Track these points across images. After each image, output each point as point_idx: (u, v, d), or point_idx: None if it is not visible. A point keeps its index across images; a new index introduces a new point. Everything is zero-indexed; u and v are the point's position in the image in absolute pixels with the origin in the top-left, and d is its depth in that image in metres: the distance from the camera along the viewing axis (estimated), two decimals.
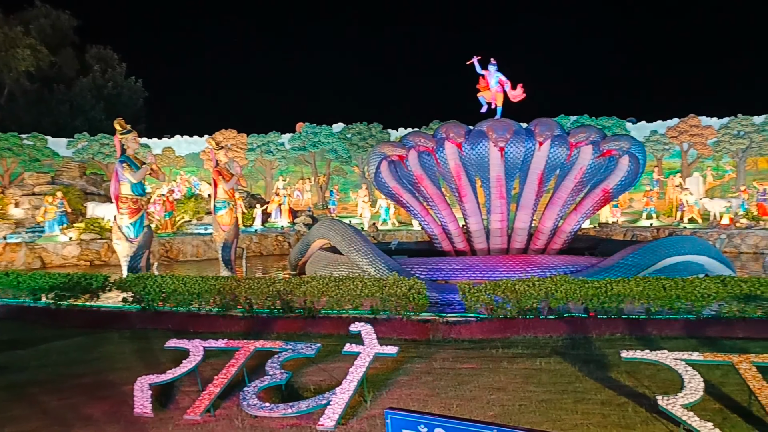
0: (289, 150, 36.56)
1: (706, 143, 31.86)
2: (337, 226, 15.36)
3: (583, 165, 15.01)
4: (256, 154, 36.50)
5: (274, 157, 36.52)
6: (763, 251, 21.26)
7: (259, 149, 36.41)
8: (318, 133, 35.92)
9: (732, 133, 31.26)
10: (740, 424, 5.65)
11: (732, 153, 31.75)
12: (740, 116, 31.47)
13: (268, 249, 25.60)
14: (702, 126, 32.03)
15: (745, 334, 8.81)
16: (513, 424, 5.35)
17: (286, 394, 6.57)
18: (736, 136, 31.17)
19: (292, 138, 36.58)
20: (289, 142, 36.66)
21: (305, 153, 36.44)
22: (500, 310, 9.82)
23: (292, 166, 38.12)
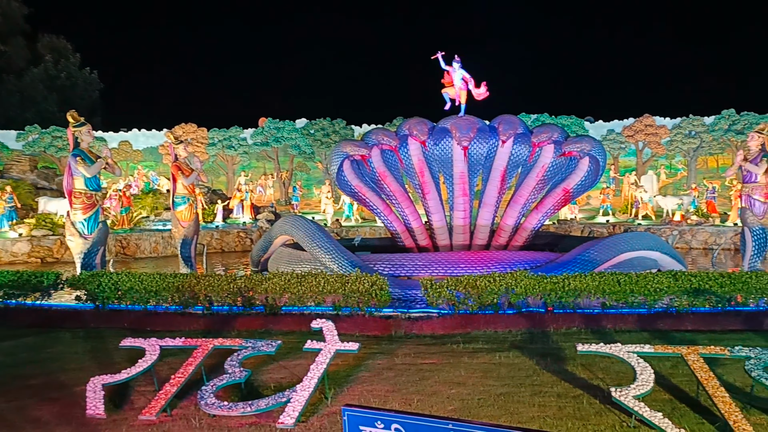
0: (251, 145, 36.11)
1: (660, 142, 32.93)
2: (300, 222, 15.23)
3: (545, 163, 15.25)
4: (217, 149, 35.90)
5: (235, 152, 35.99)
6: (712, 247, 22.12)
7: (221, 144, 35.83)
8: (281, 128, 35.57)
9: (684, 132, 32.40)
10: (689, 413, 5.87)
11: (684, 152, 32.90)
12: (692, 117, 32.64)
13: (230, 245, 25.22)
14: (656, 126, 33.09)
15: (694, 326, 9.16)
16: (469, 419, 5.43)
17: (246, 392, 6.49)
18: (687, 135, 32.31)
19: (254, 133, 36.13)
20: (251, 137, 36.20)
21: (268, 148, 36.04)
22: (462, 305, 9.92)
23: (255, 161, 37.66)
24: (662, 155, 33.58)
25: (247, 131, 36.52)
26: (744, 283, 9.74)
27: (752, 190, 13.29)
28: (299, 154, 36.07)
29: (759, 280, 9.76)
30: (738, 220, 19.34)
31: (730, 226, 23.53)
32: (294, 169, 37.23)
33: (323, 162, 36.12)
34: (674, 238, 23.27)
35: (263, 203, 33.29)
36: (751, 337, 8.51)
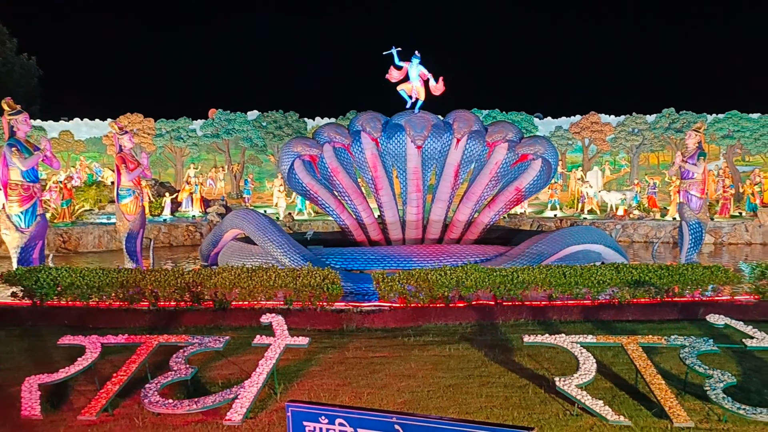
0: (201, 137, 35.22)
1: (605, 139, 34.04)
2: (251, 215, 14.99)
3: (498, 161, 15.43)
4: (165, 141, 34.87)
5: (184, 143, 35.04)
6: (652, 240, 23.06)
7: (169, 135, 34.82)
8: (232, 120, 34.83)
9: (627, 130, 33.59)
10: (628, 400, 6.11)
11: (627, 149, 34.12)
12: (635, 114, 33.87)
13: (179, 239, 24.58)
14: (601, 123, 34.18)
15: (634, 317, 9.53)
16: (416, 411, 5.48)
17: (193, 389, 6.34)
18: (630, 133, 33.52)
19: (204, 124, 35.26)
20: (201, 128, 35.31)
21: (218, 140, 35.25)
22: (413, 298, 10.00)
23: (205, 153, 36.78)
24: (607, 152, 34.74)
25: (196, 122, 35.60)
26: (681, 275, 10.19)
27: (689, 186, 13.89)
28: (251, 146, 35.43)
29: (694, 272, 10.24)
30: (676, 215, 20.23)
31: (669, 220, 24.59)
32: (245, 162, 36.56)
33: (276, 155, 35.62)
34: (617, 232, 24.14)
35: (213, 196, 32.58)
36: (686, 326, 8.92)
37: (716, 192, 26.17)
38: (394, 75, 15.63)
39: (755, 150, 31.46)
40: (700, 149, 13.88)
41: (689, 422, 5.45)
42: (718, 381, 5.82)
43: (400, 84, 15.79)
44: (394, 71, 15.61)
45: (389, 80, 15.67)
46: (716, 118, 32.11)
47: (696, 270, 10.32)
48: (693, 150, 13.91)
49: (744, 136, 30.97)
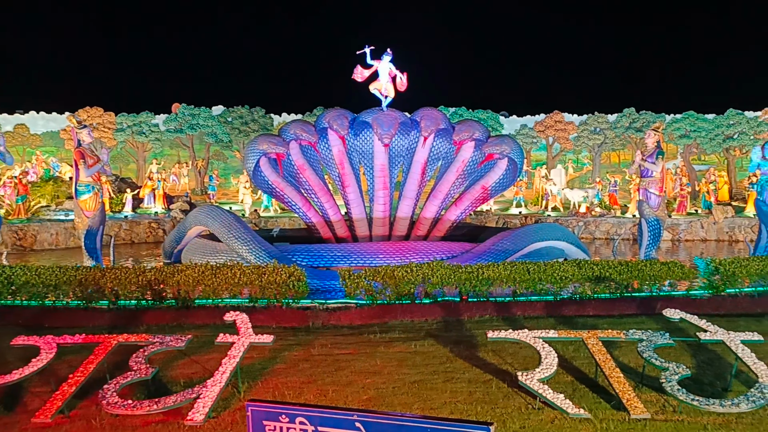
0: (164, 132, 34.47)
1: (568, 138, 34.72)
2: (216, 212, 14.76)
3: (465, 159, 15.56)
4: (126, 135, 34.02)
5: (146, 138, 34.24)
6: (613, 237, 23.65)
7: (130, 130, 33.98)
8: (196, 115, 34.20)
9: (590, 129, 34.32)
10: (588, 393, 6.25)
11: (589, 147, 34.86)
12: (597, 114, 34.62)
13: (140, 236, 24.04)
14: (565, 122, 34.85)
15: (595, 312, 9.75)
16: (379, 409, 5.48)
17: (153, 389, 6.21)
18: (593, 132, 34.26)
19: (167, 119, 34.51)
20: (164, 123, 34.55)
21: (182, 135, 34.56)
22: (379, 295, 10.01)
23: (168, 149, 36.07)
24: (570, 150, 35.45)
25: (159, 117, 34.84)
26: (640, 270, 10.48)
27: (649, 184, 14.28)
28: (216, 142, 34.85)
29: (652, 268, 10.54)
30: (636, 212, 20.77)
31: (629, 217, 25.24)
32: (210, 158, 35.96)
33: (241, 151, 35.14)
34: (580, 229, 24.67)
35: (177, 192, 31.95)
36: (644, 320, 9.16)
37: (674, 190, 26.98)
38: (362, 74, 15.59)
39: (710, 149, 32.55)
40: (659, 148, 14.28)
41: (646, 414, 5.60)
42: (674, 373, 6.00)
43: (371, 83, 15.77)
44: (362, 70, 15.56)
45: (355, 80, 15.64)
46: (674, 118, 33.09)
47: (654, 266, 10.62)
48: (652, 149, 14.30)
49: (700, 135, 32.01)
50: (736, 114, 31.87)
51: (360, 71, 15.60)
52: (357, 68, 15.59)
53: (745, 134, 31.56)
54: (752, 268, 10.60)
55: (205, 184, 33.46)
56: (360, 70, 15.59)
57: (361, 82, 15.71)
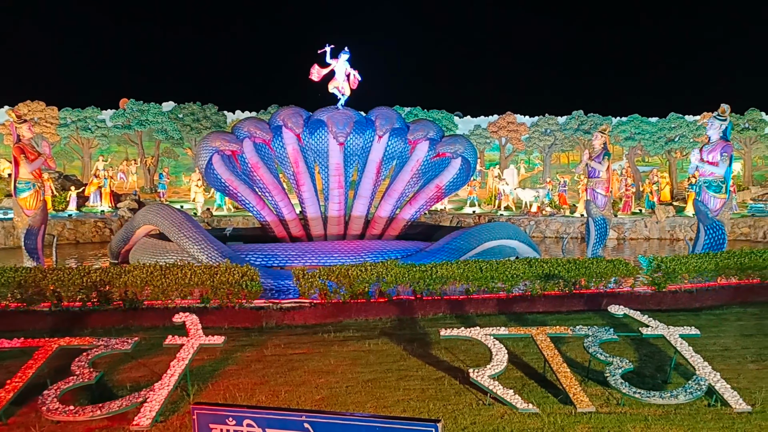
0: (111, 128, 33.28)
1: (520, 139, 35.47)
2: (166, 210, 14.40)
3: (419, 158, 15.72)
4: (70, 131, 32.67)
5: (92, 134, 32.98)
6: (563, 235, 24.32)
7: (75, 125, 32.66)
8: (145, 111, 33.18)
9: (540, 130, 35.17)
10: (536, 389, 6.41)
11: (540, 148, 35.72)
12: (547, 116, 35.52)
13: (86, 236, 23.18)
14: (517, 123, 35.59)
15: (544, 308, 10.01)
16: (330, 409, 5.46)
17: (98, 394, 6.01)
18: (543, 133, 35.12)
19: (114, 115, 33.35)
20: (111, 119, 33.38)
21: (130, 132, 33.46)
22: (334, 294, 9.97)
23: (115, 145, 34.87)
24: (522, 151, 36.23)
25: (106, 112, 33.62)
26: (587, 268, 10.80)
27: (596, 184, 14.76)
28: (166, 139, 33.90)
29: (599, 266, 10.88)
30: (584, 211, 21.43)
31: (577, 216, 26.01)
32: (160, 155, 34.95)
33: (193, 148, 34.31)
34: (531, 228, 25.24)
35: (125, 191, 30.95)
36: (591, 316, 9.47)
37: (619, 190, 27.94)
38: (319, 73, 15.60)
39: (654, 151, 33.90)
40: (605, 150, 14.78)
41: (591, 407, 5.79)
42: (617, 367, 6.22)
43: (329, 82, 15.77)
44: (318, 70, 15.57)
45: (311, 80, 15.68)
46: (620, 121, 34.30)
47: (600, 263, 10.97)
48: (599, 150, 14.78)
49: (644, 138, 33.30)
50: (677, 118, 33.33)
51: (317, 70, 15.62)
52: (314, 67, 15.61)
53: (686, 137, 33.03)
54: (691, 265, 11.09)
55: (155, 182, 32.55)
56: (317, 69, 15.61)
57: (317, 81, 15.70)
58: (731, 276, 11.39)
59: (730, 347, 7.85)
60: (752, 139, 33.39)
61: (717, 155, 13.20)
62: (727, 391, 6.00)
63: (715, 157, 13.22)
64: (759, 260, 11.37)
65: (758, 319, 9.35)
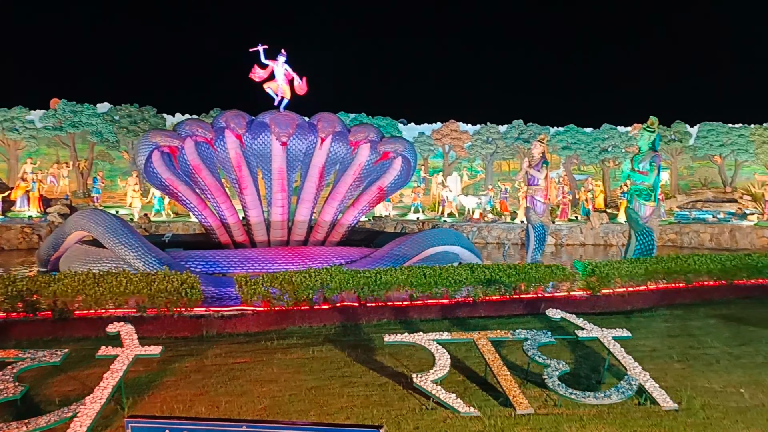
0: (40, 129, 31.62)
1: (463, 146, 36.18)
2: (100, 216, 13.81)
3: (361, 162, 15.78)
4: None
5: (20, 136, 31.26)
6: (504, 241, 24.95)
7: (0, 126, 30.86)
8: (78, 112, 31.74)
9: (483, 138, 36.00)
10: (478, 392, 6.54)
11: (483, 156, 36.55)
12: (489, 124, 36.41)
13: (12, 243, 21.92)
14: (460, 131, 36.29)
15: (486, 313, 10.23)
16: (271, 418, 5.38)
17: (24, 410, 5.67)
18: (485, 141, 35.97)
19: (44, 116, 31.71)
20: (40, 120, 31.71)
21: (62, 134, 31.91)
22: (277, 301, 9.84)
23: (45, 147, 33.11)
24: (465, 158, 36.95)
25: (35, 113, 31.91)
26: (526, 273, 11.12)
27: (535, 192, 15.24)
28: (101, 141, 32.51)
29: (537, 271, 11.23)
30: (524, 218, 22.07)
31: (518, 223, 26.75)
32: (94, 158, 33.49)
33: (129, 151, 33.08)
34: (474, 234, 25.78)
35: (55, 195, 29.48)
36: (530, 320, 9.75)
37: (557, 198, 28.96)
38: (258, 74, 15.51)
39: (588, 160, 35.36)
40: (544, 158, 15.29)
41: (530, 409, 5.96)
42: (554, 370, 6.44)
43: (266, 82, 15.66)
44: (259, 70, 15.49)
45: (253, 80, 15.49)
46: (557, 131, 35.61)
47: (539, 269, 11.32)
48: (538, 159, 15.28)
49: (580, 147, 34.70)
50: (610, 129, 34.92)
51: (257, 71, 15.47)
52: (254, 68, 15.46)
53: (618, 147, 34.66)
54: (623, 270, 11.62)
55: (89, 187, 31.16)
56: (257, 70, 15.47)
57: (259, 82, 15.60)
58: (659, 280, 12.02)
59: (657, 348, 8.27)
60: (678, 150, 35.37)
61: (647, 165, 13.90)
62: (655, 390, 6.31)
63: (645, 166, 13.92)
64: (684, 265, 12.06)
65: (683, 320, 9.90)
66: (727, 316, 10.11)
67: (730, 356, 7.90)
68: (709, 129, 34.71)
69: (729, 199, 32.41)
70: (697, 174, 37.00)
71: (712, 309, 10.65)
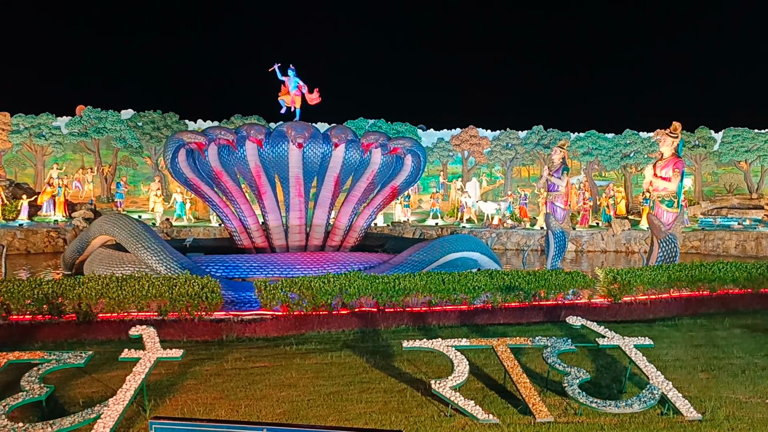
0: (66, 135, 32.29)
1: (482, 152, 36.05)
2: (123, 221, 14.07)
3: (374, 168, 16.33)
4: (23, 137, 31.59)
5: (47, 141, 31.95)
6: (523, 248, 24.76)
7: (27, 132, 31.60)
8: (103, 118, 32.35)
9: (502, 144, 35.83)
10: (497, 399, 6.49)
11: (502, 162, 36.38)
12: (509, 130, 36.24)
13: (38, 246, 22.39)
14: (479, 137, 36.16)
15: (505, 320, 10.15)
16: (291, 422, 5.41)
17: (48, 410, 5.78)
18: (505, 147, 35.79)
19: (70, 122, 32.37)
20: (66, 126, 32.38)
21: (87, 140, 32.55)
22: (296, 306, 9.89)
23: (71, 153, 33.80)
24: (484, 164, 36.80)
25: (61, 119, 32.60)
26: (546, 280, 11.03)
27: (555, 197, 15.12)
28: (124, 147, 33.08)
29: (557, 278, 11.13)
30: (544, 224, 21.90)
31: (537, 229, 26.54)
32: (118, 164, 34.08)
33: (152, 157, 33.60)
34: (492, 240, 25.63)
35: (80, 200, 30.04)
36: (550, 327, 9.65)
37: (577, 204, 28.69)
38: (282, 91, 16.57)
39: (610, 166, 34.95)
40: (564, 164, 15.18)
41: (550, 417, 5.90)
42: (575, 378, 6.36)
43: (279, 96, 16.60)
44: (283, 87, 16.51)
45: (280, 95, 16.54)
46: (578, 137, 35.27)
47: (559, 275, 11.22)
48: (558, 165, 15.17)
49: (601, 153, 34.32)
50: (632, 134, 34.49)
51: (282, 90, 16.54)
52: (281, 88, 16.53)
53: (640, 153, 34.21)
54: (645, 278, 11.45)
55: (112, 192, 31.70)
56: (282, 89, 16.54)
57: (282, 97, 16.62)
58: (683, 288, 11.81)
59: (681, 357, 8.12)
60: (702, 156, 34.80)
61: (669, 171, 13.69)
62: (678, 399, 6.20)
63: (668, 172, 13.71)
64: (708, 273, 11.84)
65: (707, 330, 9.71)
66: (753, 326, 9.90)
67: (756, 367, 7.73)
68: (735, 134, 34.10)
69: (755, 205, 31.78)
70: (722, 180, 36.34)
71: (737, 318, 10.43)
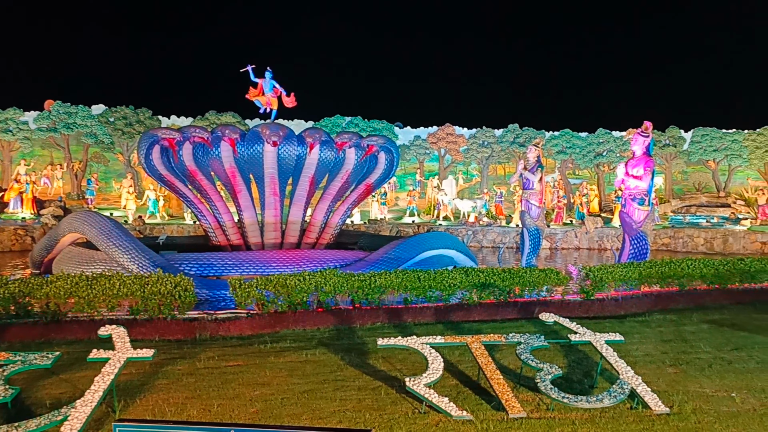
0: (34, 130, 31.49)
1: (459, 150, 36.24)
2: (94, 218, 13.78)
3: (349, 168, 16.57)
4: None
5: (13, 137, 31.14)
6: (499, 245, 24.96)
7: None
8: (73, 113, 31.63)
9: (478, 142, 36.06)
10: (471, 396, 6.53)
11: (478, 159, 36.62)
12: (485, 128, 36.49)
13: (5, 244, 21.84)
14: (456, 135, 36.35)
15: (480, 317, 10.22)
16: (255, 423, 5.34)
17: (14, 412, 5.64)
18: (481, 145, 36.03)
19: (38, 117, 31.58)
20: (34, 121, 31.58)
21: (56, 135, 31.78)
22: (271, 305, 9.82)
23: (39, 149, 32.98)
24: (460, 162, 37.01)
25: (29, 114, 31.79)
26: (520, 277, 11.13)
27: (530, 195, 15.26)
28: (95, 143, 32.39)
29: (532, 275, 11.24)
30: (519, 222, 22.10)
31: (513, 227, 26.80)
32: (89, 160, 33.37)
33: (125, 154, 33.00)
34: (469, 238, 25.80)
35: (49, 196, 29.37)
36: (524, 324, 9.75)
37: (552, 202, 29.03)
38: (252, 93, 16.59)
39: (583, 165, 35.45)
40: (539, 162, 15.32)
41: (522, 413, 5.96)
42: (547, 373, 6.44)
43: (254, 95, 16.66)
44: (252, 90, 16.58)
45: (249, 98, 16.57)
46: (552, 135, 35.69)
47: (533, 273, 11.33)
48: (533, 162, 15.31)
49: (575, 152, 34.79)
50: (605, 133, 35.03)
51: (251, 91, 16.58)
52: (250, 89, 16.58)
53: (613, 152, 34.77)
54: (617, 274, 11.64)
55: (83, 188, 31.06)
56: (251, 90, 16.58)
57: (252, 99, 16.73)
58: (653, 284, 12.05)
59: (651, 352, 8.28)
60: (672, 155, 35.52)
61: (641, 169, 13.93)
62: (647, 394, 6.32)
63: (639, 171, 13.94)
64: (678, 269, 12.09)
65: (676, 325, 9.92)
66: (720, 321, 10.15)
67: (723, 361, 7.92)
68: (703, 134, 34.88)
69: (722, 203, 32.59)
70: (692, 179, 37.16)
71: (705, 314, 10.68)
